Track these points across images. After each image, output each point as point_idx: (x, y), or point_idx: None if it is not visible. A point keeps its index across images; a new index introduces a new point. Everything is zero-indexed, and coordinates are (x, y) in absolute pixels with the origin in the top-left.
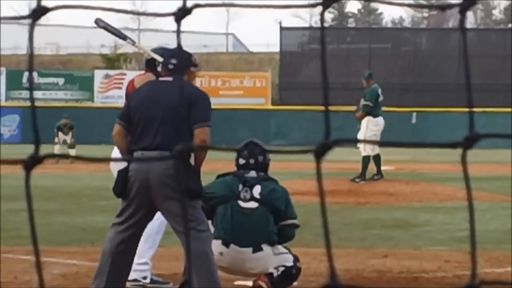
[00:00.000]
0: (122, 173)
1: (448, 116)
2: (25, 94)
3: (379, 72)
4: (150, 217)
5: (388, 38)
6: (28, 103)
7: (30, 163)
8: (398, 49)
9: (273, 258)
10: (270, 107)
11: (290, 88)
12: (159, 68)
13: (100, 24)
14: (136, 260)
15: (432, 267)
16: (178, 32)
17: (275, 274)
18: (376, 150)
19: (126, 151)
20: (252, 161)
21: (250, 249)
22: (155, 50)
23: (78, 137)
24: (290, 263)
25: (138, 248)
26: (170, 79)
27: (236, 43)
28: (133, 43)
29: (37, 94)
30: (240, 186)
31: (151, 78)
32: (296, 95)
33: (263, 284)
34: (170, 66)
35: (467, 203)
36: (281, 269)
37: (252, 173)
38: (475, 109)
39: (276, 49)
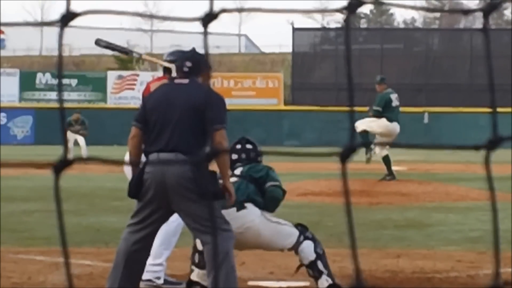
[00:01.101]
0: (137, 175)
1: (461, 116)
2: (38, 95)
3: (391, 72)
4: (166, 218)
5: (400, 39)
6: (41, 104)
7: (60, 167)
8: (410, 50)
9: (265, 222)
10: (283, 107)
11: (302, 88)
12: (174, 74)
13: (101, 44)
14: (151, 260)
15: (445, 267)
16: (206, 34)
17: (327, 282)
18: (384, 152)
19: (138, 157)
20: (244, 155)
21: (234, 209)
22: (172, 54)
23: (91, 138)
24: (311, 255)
25: (153, 248)
26: (186, 81)
27: (248, 44)
28: (139, 56)
29: (51, 95)
30: None
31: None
32: (308, 96)
33: None
34: (185, 69)
35: (490, 203)
36: (322, 270)
37: (239, 165)
38: (485, 110)
39: (289, 49)
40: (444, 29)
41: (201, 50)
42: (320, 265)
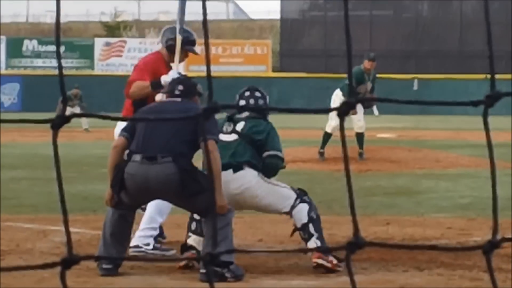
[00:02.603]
0: (116, 175)
1: (450, 83)
2: (25, 62)
3: (380, 39)
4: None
5: (389, 5)
6: (28, 71)
7: (57, 122)
8: (399, 16)
9: (262, 183)
10: (271, 74)
11: (291, 55)
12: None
13: None
14: (142, 225)
15: (435, 234)
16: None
17: (316, 244)
18: (364, 128)
19: (114, 167)
20: (252, 101)
21: (230, 170)
22: (180, 31)
23: None
24: (304, 217)
25: (146, 215)
26: (178, 99)
27: (236, 10)
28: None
29: (38, 62)
30: (226, 122)
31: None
32: (297, 62)
33: (320, 261)
34: (177, 92)
35: (489, 156)
36: (312, 233)
37: (244, 113)
38: (474, 76)
39: (277, 16)
40: None
41: (187, 16)
42: (311, 228)
